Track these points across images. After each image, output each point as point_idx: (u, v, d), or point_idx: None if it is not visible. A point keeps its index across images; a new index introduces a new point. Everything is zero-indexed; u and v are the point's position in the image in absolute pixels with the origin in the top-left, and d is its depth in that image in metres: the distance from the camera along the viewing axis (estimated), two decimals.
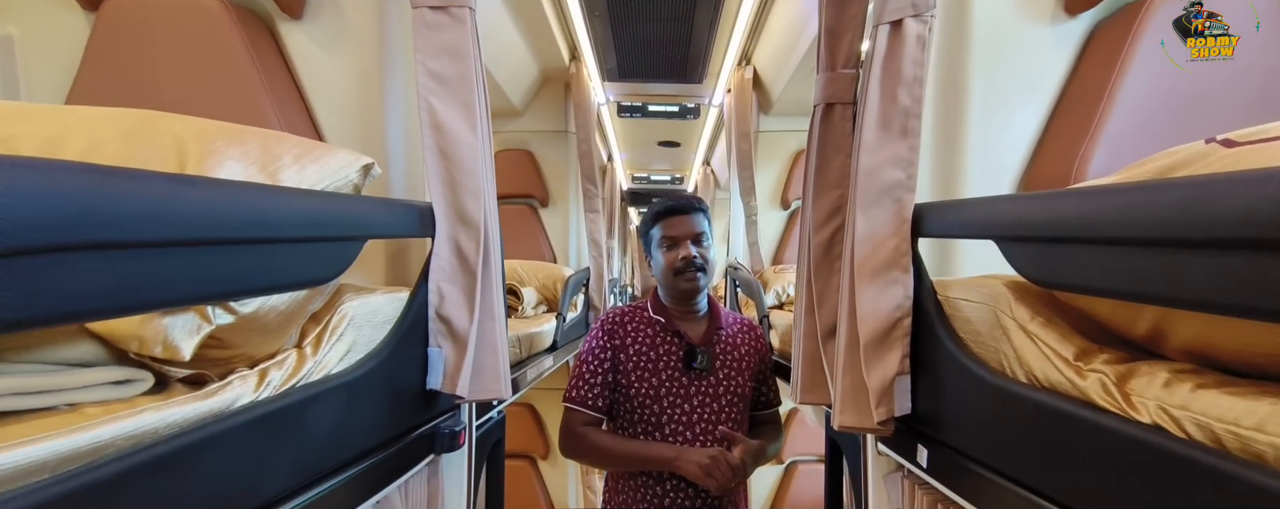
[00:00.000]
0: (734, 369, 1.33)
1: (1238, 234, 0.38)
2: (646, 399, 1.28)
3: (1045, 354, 0.60)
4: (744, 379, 1.33)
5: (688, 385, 1.29)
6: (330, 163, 0.70)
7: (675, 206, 1.34)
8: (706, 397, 1.29)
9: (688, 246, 1.31)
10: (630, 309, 1.39)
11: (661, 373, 1.29)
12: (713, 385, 1.30)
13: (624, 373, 1.30)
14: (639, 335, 1.33)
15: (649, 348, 1.32)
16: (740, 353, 1.35)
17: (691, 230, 1.32)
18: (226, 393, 0.52)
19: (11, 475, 0.35)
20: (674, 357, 1.30)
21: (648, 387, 1.29)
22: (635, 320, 1.36)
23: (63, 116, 0.54)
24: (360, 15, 0.99)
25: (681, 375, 1.29)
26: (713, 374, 1.31)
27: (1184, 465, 0.43)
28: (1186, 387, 0.46)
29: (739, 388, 1.32)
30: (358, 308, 0.75)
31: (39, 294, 0.34)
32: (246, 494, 0.53)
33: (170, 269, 0.43)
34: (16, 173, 0.34)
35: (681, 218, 1.33)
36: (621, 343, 1.32)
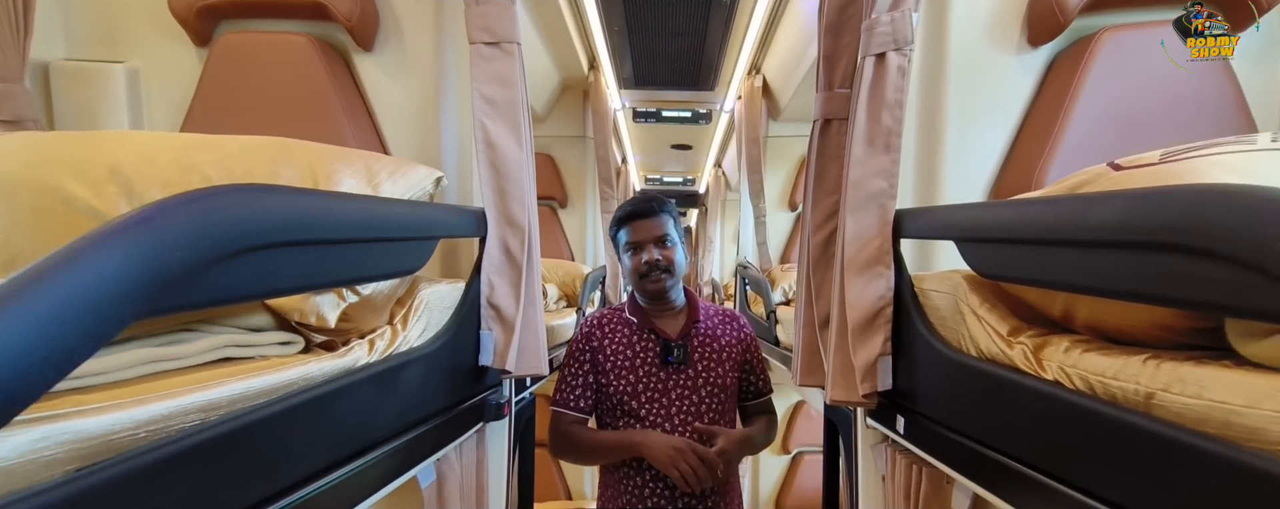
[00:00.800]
0: (714, 361, 1.34)
1: (1099, 237, 0.53)
2: (624, 396, 1.30)
3: (987, 332, 0.75)
4: (725, 370, 1.34)
5: (665, 379, 1.30)
6: (412, 176, 0.87)
7: (636, 211, 1.35)
8: (685, 390, 1.30)
9: (651, 250, 1.32)
10: (609, 312, 1.42)
11: (639, 370, 1.31)
12: (691, 377, 1.31)
13: (603, 373, 1.33)
14: (615, 336, 1.36)
15: (625, 347, 1.34)
16: (720, 344, 1.36)
17: (654, 234, 1.33)
18: (351, 354, 0.69)
19: (243, 397, 0.52)
20: (650, 352, 1.32)
21: (625, 383, 1.31)
22: (612, 322, 1.39)
23: (226, 145, 0.71)
24: (420, 48, 1.16)
25: (659, 370, 1.31)
26: (691, 367, 1.32)
27: (1070, 408, 0.58)
28: (1078, 352, 0.61)
29: (719, 379, 1.33)
30: (430, 294, 0.92)
31: (262, 276, 0.51)
32: (366, 430, 0.70)
33: (329, 259, 0.59)
34: (250, 195, 0.50)
35: (644, 222, 1.34)
36: (599, 345, 1.35)
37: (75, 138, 0.68)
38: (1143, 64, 1.00)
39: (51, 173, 0.63)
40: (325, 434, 0.64)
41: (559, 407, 1.35)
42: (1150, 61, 1.00)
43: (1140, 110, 0.98)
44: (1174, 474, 0.47)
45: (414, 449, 0.89)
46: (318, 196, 0.58)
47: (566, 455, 1.38)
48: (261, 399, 0.54)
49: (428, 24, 1.16)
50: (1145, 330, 0.57)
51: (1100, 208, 0.54)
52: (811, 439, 3.45)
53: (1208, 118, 0.96)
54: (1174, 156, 0.59)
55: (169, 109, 1.15)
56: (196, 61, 1.15)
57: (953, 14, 1.10)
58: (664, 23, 2.59)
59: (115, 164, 0.65)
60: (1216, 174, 0.51)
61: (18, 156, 0.63)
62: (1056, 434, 0.62)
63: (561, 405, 1.35)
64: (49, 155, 0.64)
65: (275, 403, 0.54)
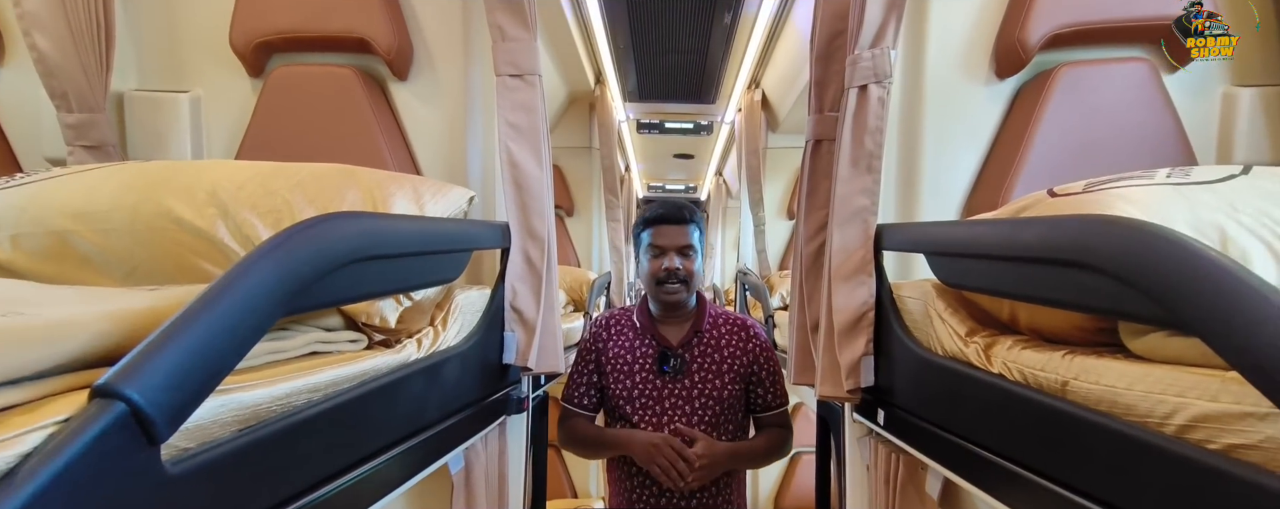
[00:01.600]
0: (712, 372, 1.33)
1: (1027, 254, 0.66)
2: (620, 400, 1.33)
3: (950, 333, 0.88)
4: (724, 382, 1.33)
5: (660, 387, 1.32)
6: (450, 196, 1.00)
7: (667, 215, 1.36)
8: (679, 399, 1.31)
9: (673, 258, 1.33)
10: (618, 313, 1.44)
11: (636, 375, 1.32)
12: (687, 388, 1.31)
13: (604, 374, 1.35)
14: (620, 338, 1.38)
15: (627, 351, 1.35)
16: (723, 355, 1.35)
17: (679, 242, 1.34)
18: (404, 351, 0.81)
19: (334, 382, 0.64)
20: (648, 359, 1.33)
21: (622, 388, 1.33)
22: (619, 323, 1.41)
23: (298, 171, 0.84)
24: (449, 78, 1.29)
25: (655, 377, 1.32)
26: (687, 377, 1.31)
27: (1010, 396, 0.70)
28: (1017, 349, 0.73)
29: (716, 391, 1.32)
30: (464, 299, 1.04)
31: (353, 284, 0.64)
32: (417, 415, 0.82)
33: (396, 270, 0.72)
34: (347, 221, 0.63)
35: (671, 228, 1.35)
36: (603, 346, 1.37)
37: (178, 167, 0.81)
38: (1095, 97, 1.12)
39: (163, 198, 0.76)
40: (389, 416, 0.76)
41: (565, 402, 1.41)
42: (1102, 95, 1.12)
43: (1092, 138, 1.10)
44: (1080, 444, 0.59)
45: (449, 437, 1.01)
46: (389, 220, 0.70)
47: (568, 447, 1.43)
48: (346, 385, 0.66)
49: (456, 56, 1.29)
50: (1068, 331, 0.69)
51: (1027, 230, 0.67)
52: (810, 440, 3.56)
53: (1150, 146, 1.09)
54: (1094, 187, 0.71)
55: (226, 134, 1.28)
56: (251, 91, 1.28)
57: (929, 48, 1.23)
58: (667, 40, 2.73)
59: (212, 189, 0.77)
60: (1119, 204, 0.64)
61: (135, 185, 0.76)
62: (1001, 419, 0.74)
63: (567, 401, 1.41)
64: (160, 183, 0.77)
65: (355, 388, 0.67)
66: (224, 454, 0.46)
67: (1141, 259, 0.49)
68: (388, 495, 0.77)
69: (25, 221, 0.71)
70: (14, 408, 0.36)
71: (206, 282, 0.69)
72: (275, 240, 0.52)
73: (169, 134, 1.24)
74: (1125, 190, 0.66)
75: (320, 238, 0.55)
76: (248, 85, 1.29)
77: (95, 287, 0.67)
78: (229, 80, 1.28)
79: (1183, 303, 0.45)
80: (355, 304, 0.75)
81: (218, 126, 1.29)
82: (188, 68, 1.29)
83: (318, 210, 0.80)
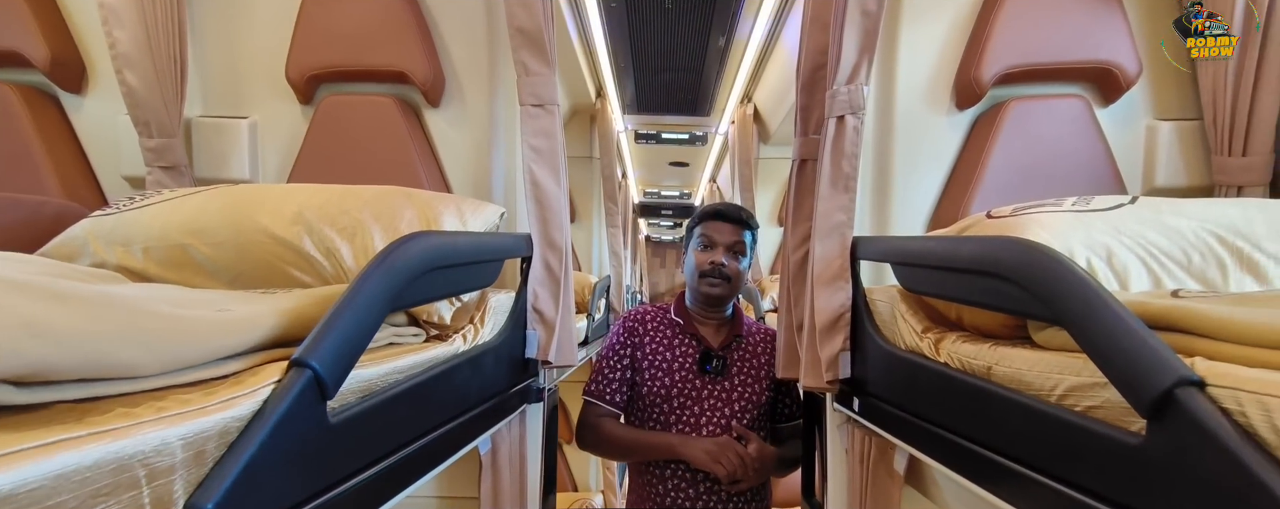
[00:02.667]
0: (751, 377, 1.35)
1: (962, 266, 0.83)
2: (658, 398, 1.32)
3: (910, 330, 1.05)
4: (761, 387, 1.35)
5: (701, 388, 1.33)
6: (486, 212, 1.16)
7: (725, 213, 1.39)
8: (718, 401, 1.32)
9: (721, 253, 1.36)
10: (653, 309, 1.45)
11: (675, 373, 1.33)
12: (727, 390, 1.32)
13: (639, 371, 1.35)
14: (658, 335, 1.38)
15: (665, 348, 1.36)
16: (759, 362, 1.38)
17: (731, 239, 1.37)
18: (453, 344, 0.97)
19: (413, 367, 0.80)
20: (689, 358, 1.34)
21: (660, 386, 1.33)
22: (656, 320, 1.42)
23: (363, 193, 1.00)
24: (476, 105, 1.45)
25: (695, 377, 1.33)
26: (728, 379, 1.33)
27: (953, 381, 0.87)
28: (960, 343, 0.90)
29: (754, 396, 1.34)
30: (495, 301, 1.21)
31: (428, 288, 0.80)
32: (464, 400, 0.98)
33: (455, 277, 0.88)
34: (427, 239, 0.79)
35: (726, 225, 1.38)
36: (640, 341, 1.38)
37: (267, 190, 0.97)
38: (1039, 127, 1.31)
39: (258, 216, 0.92)
40: (444, 397, 0.92)
41: (593, 398, 1.38)
42: (1045, 126, 1.30)
43: (1036, 162, 1.29)
44: (998, 413, 0.76)
45: (482, 421, 1.17)
46: (452, 236, 0.87)
47: (594, 447, 1.38)
48: (417, 369, 0.82)
49: (483, 86, 1.45)
50: (995, 328, 0.86)
51: (963, 247, 0.84)
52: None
53: (1085, 170, 1.27)
54: (1020, 211, 0.89)
55: (279, 155, 1.44)
56: (302, 117, 1.44)
57: (899, 83, 1.41)
58: (665, 58, 2.91)
59: (298, 209, 0.94)
60: (1032, 228, 0.81)
61: (236, 206, 0.92)
62: (946, 399, 0.91)
63: (596, 397, 1.38)
64: (255, 204, 0.93)
65: (423, 372, 0.83)
66: (355, 414, 0.62)
67: (1033, 271, 0.67)
68: (436, 468, 0.93)
69: (152, 236, 0.87)
70: (233, 376, 0.53)
71: (295, 286, 0.85)
72: (381, 256, 0.68)
73: (230, 155, 1.40)
74: (1039, 216, 0.84)
75: (410, 253, 0.72)
76: (299, 112, 1.45)
77: (219, 290, 0.83)
78: (282, 107, 1.44)
79: (1057, 303, 0.62)
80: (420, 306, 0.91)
81: (271, 148, 1.44)
82: (246, 96, 1.45)
83: (383, 226, 0.96)
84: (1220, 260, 0.77)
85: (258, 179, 1.43)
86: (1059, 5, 1.29)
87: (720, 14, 2.35)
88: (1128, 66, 1.28)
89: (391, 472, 0.71)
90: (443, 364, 0.89)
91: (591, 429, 1.35)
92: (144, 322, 0.44)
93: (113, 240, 0.88)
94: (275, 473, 0.49)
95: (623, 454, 1.40)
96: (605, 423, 1.35)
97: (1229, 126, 1.17)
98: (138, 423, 0.39)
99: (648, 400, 1.33)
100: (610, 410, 1.36)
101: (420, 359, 0.83)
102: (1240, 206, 0.81)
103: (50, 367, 0.37)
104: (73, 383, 0.39)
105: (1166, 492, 0.50)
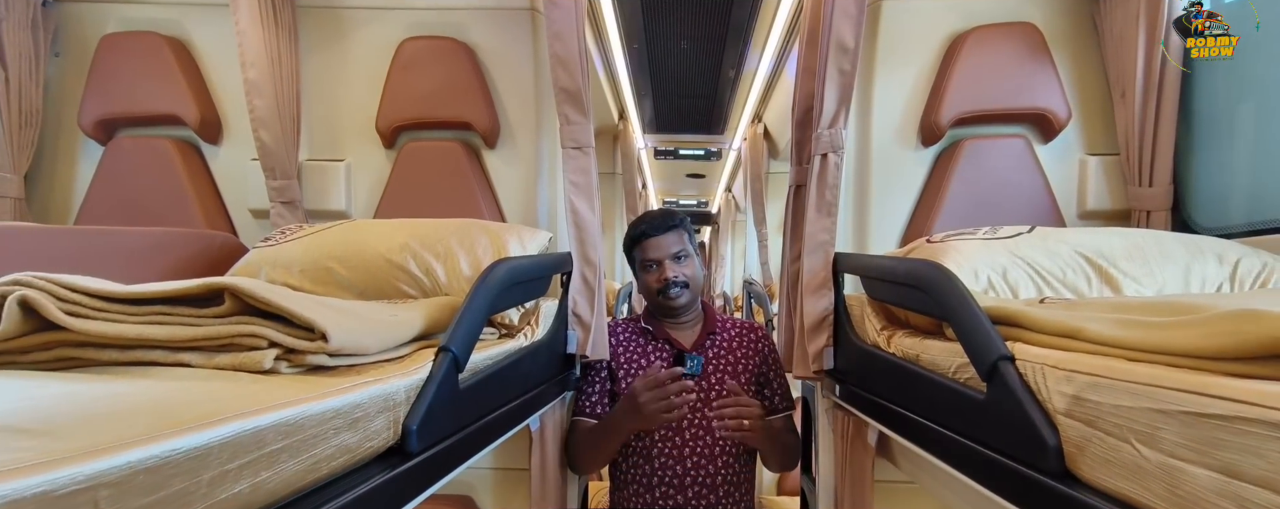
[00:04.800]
0: (728, 372, 1.37)
1: (902, 281, 1.12)
2: None
3: (873, 329, 1.33)
4: (742, 383, 1.37)
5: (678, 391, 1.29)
6: (539, 237, 1.48)
7: (650, 229, 1.39)
8: (698, 401, 1.33)
9: (666, 267, 1.36)
10: (623, 323, 1.48)
11: None
12: (705, 390, 1.33)
13: (618, 381, 1.36)
14: (630, 345, 1.39)
15: (639, 356, 1.37)
16: (736, 356, 1.40)
17: (668, 250, 1.37)
18: (518, 341, 1.28)
19: (503, 355, 1.12)
20: (663, 363, 1.35)
21: None
22: (627, 331, 1.43)
23: (449, 225, 1.32)
24: (526, 147, 1.78)
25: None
26: (705, 378, 1.33)
27: (898, 368, 1.16)
28: (903, 337, 1.18)
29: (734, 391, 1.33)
30: (546, 307, 1.52)
31: (508, 298, 1.12)
32: (526, 382, 1.29)
33: (524, 289, 1.20)
34: (509, 263, 1.11)
35: (657, 239, 1.38)
36: (613, 352, 1.37)
37: (381, 225, 1.30)
38: (989, 162, 1.58)
39: (377, 246, 1.24)
40: (513, 379, 1.24)
41: (578, 416, 1.38)
42: (993, 161, 1.58)
43: (984, 194, 1.56)
44: (922, 389, 1.04)
45: (536, 401, 1.47)
46: (520, 260, 1.18)
47: (581, 462, 1.36)
48: (501, 357, 1.14)
49: (531, 131, 1.78)
50: (927, 326, 1.15)
51: (902, 266, 1.13)
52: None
53: (1026, 199, 1.54)
54: (949, 237, 1.17)
55: (367, 190, 1.78)
56: (386, 159, 1.78)
57: (874, 124, 1.69)
58: (681, 86, 3.22)
59: (404, 240, 1.26)
60: (950, 253, 1.09)
61: (360, 239, 1.25)
62: (894, 381, 1.19)
63: (579, 414, 1.38)
64: (373, 237, 1.26)
65: (503, 360, 1.14)
66: (472, 382, 0.94)
67: (933, 284, 0.95)
68: (503, 436, 1.24)
69: (305, 262, 1.20)
70: (408, 356, 0.85)
71: (404, 297, 1.17)
72: (481, 277, 1.00)
73: (331, 191, 1.75)
74: (957, 242, 1.13)
75: (498, 273, 1.03)
76: (384, 155, 1.79)
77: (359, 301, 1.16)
78: (371, 151, 1.79)
79: (943, 306, 0.91)
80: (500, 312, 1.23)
81: (362, 185, 1.79)
82: (342, 143, 1.79)
83: (465, 251, 1.28)
84: (1087, 275, 1.05)
85: (352, 209, 1.77)
86: (1002, 62, 1.57)
87: (730, 50, 2.65)
88: (1059, 112, 1.55)
89: (490, 425, 1.02)
90: (514, 355, 1.21)
91: (575, 446, 1.34)
92: (372, 325, 0.76)
93: (277, 264, 1.21)
94: (438, 412, 0.80)
95: (597, 453, 1.36)
96: (581, 430, 1.34)
97: (1139, 161, 1.43)
98: (379, 379, 0.71)
99: None
100: (594, 424, 1.35)
101: (501, 350, 1.15)
102: (1105, 234, 1.09)
103: (342, 347, 0.69)
104: (346, 356, 0.71)
105: (994, 429, 0.79)
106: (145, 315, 0.64)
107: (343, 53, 1.74)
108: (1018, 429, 0.74)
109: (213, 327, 0.64)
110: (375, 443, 0.68)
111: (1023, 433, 0.72)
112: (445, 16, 1.73)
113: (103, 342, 0.62)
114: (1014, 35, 1.57)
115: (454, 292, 1.24)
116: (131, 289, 0.65)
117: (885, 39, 1.65)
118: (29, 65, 1.54)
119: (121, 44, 1.66)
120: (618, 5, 2.26)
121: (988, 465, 0.79)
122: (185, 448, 0.41)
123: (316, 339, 0.67)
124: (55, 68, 1.68)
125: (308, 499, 0.56)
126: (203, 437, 0.43)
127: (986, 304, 0.88)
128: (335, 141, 1.78)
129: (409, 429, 0.73)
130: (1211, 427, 0.48)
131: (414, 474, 0.73)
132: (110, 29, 1.69)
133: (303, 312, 0.66)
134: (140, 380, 0.58)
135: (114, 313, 0.63)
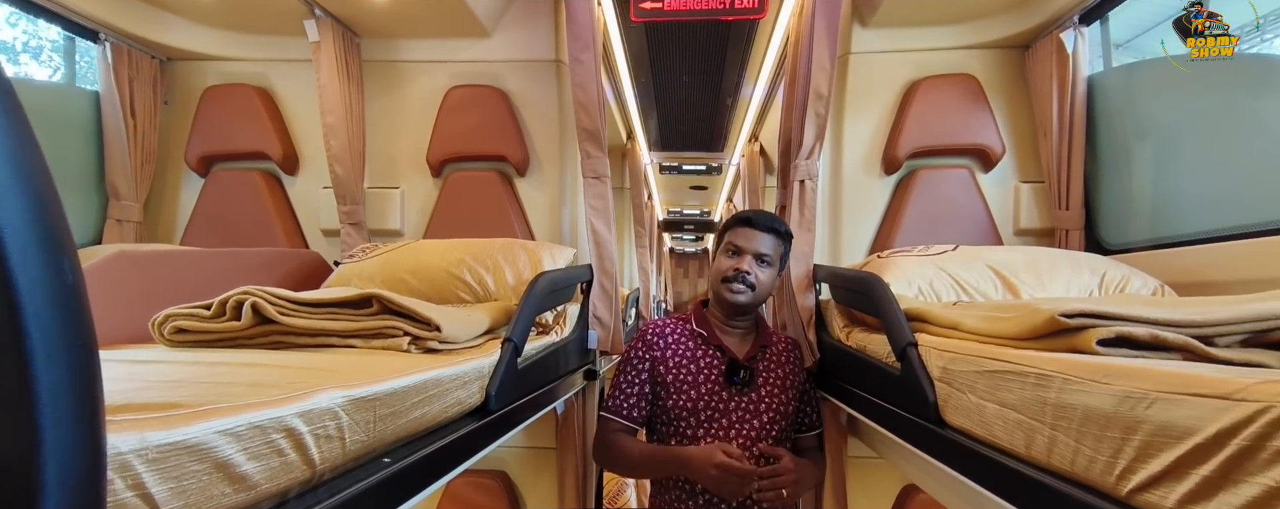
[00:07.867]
0: (778, 386, 1.31)
1: (853, 288, 1.43)
2: (684, 411, 1.26)
3: (838, 327, 1.64)
4: (788, 397, 1.32)
5: (727, 400, 1.27)
6: (565, 252, 1.80)
7: (754, 220, 1.33)
8: (746, 413, 1.27)
9: (747, 260, 1.30)
10: (673, 321, 1.39)
11: (701, 386, 1.27)
12: (754, 402, 1.28)
13: (662, 385, 1.29)
14: (679, 347, 1.33)
15: (689, 361, 1.30)
16: (785, 371, 1.35)
17: (757, 248, 1.31)
18: (552, 336, 1.60)
19: (546, 346, 1.44)
20: (715, 370, 1.29)
21: (686, 399, 1.26)
22: (677, 332, 1.35)
23: (493, 244, 1.64)
24: (551, 176, 2.11)
25: (722, 390, 1.27)
26: (755, 390, 1.28)
27: (853, 357, 1.47)
28: (858, 333, 1.49)
29: (782, 406, 1.30)
30: (571, 310, 1.84)
31: (546, 303, 1.44)
32: (558, 369, 1.61)
33: (557, 295, 1.52)
34: (549, 275, 1.43)
35: (755, 232, 1.32)
36: (661, 355, 1.31)
37: (439, 244, 1.63)
38: (939, 189, 1.89)
39: (437, 261, 1.57)
40: (552, 365, 1.55)
41: (609, 414, 1.30)
42: (942, 188, 1.89)
43: (936, 214, 1.88)
44: (869, 373, 1.35)
45: (563, 387, 1.80)
46: (555, 272, 1.50)
47: (611, 465, 1.32)
48: (542, 347, 1.46)
49: (556, 163, 2.11)
50: (875, 324, 1.46)
51: (851, 276, 1.44)
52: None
53: (970, 219, 1.85)
54: (893, 254, 1.49)
55: (418, 213, 2.12)
56: (433, 187, 2.12)
57: (845, 156, 2.01)
58: (683, 111, 3.54)
59: (460, 256, 1.59)
60: (890, 266, 1.41)
61: (426, 256, 1.58)
62: (852, 368, 1.50)
63: (613, 413, 1.30)
64: (434, 254, 1.58)
65: (543, 350, 1.46)
66: (526, 366, 1.26)
67: (869, 289, 1.27)
68: (536, 414, 1.55)
69: (383, 275, 1.53)
70: (474, 346, 1.17)
71: (461, 303, 1.50)
72: (530, 285, 1.32)
73: (388, 213, 2.08)
74: (898, 258, 1.44)
75: (542, 283, 1.35)
76: (432, 183, 2.13)
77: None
78: (421, 180, 2.12)
79: (876, 306, 1.22)
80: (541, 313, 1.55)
81: (413, 208, 2.12)
82: (398, 173, 2.13)
83: (510, 265, 1.61)
84: (995, 283, 1.36)
85: (405, 228, 2.10)
86: (948, 107, 1.89)
87: (727, 81, 2.98)
88: (995, 147, 1.86)
89: (536, 399, 1.34)
90: (550, 347, 1.53)
91: (608, 446, 1.29)
92: (461, 320, 1.09)
93: (361, 276, 1.54)
94: (506, 384, 1.12)
95: (636, 471, 1.31)
96: (620, 439, 1.28)
97: (1058, 188, 1.74)
98: (469, 359, 1.03)
99: (673, 414, 1.27)
100: (626, 425, 1.30)
101: (542, 343, 1.47)
102: (1011, 252, 1.40)
103: (448, 337, 1.01)
104: (448, 343, 1.04)
105: (901, 397, 1.10)
106: (323, 315, 0.97)
107: (400, 99, 2.09)
108: (915, 393, 1.05)
109: (367, 321, 0.97)
110: (473, 400, 1.00)
111: (917, 395, 1.04)
112: (485, 68, 2.07)
113: (300, 331, 0.94)
114: (958, 84, 1.89)
115: (502, 297, 1.56)
116: (314, 295, 0.98)
117: (853, 85, 1.97)
118: (149, 114, 1.88)
119: (220, 94, 2.01)
120: (626, 46, 2.58)
121: (900, 421, 1.11)
122: (400, 386, 0.74)
123: (432, 330, 0.99)
124: (165, 114, 2.03)
125: (442, 430, 0.89)
126: (407, 380, 0.75)
127: (907, 305, 1.19)
128: (392, 172, 2.11)
129: (490, 394, 1.05)
130: (996, 378, 0.79)
131: (495, 425, 1.05)
132: (210, 82, 2.04)
133: (424, 312, 0.99)
134: (326, 355, 0.91)
135: (303, 312, 0.96)
